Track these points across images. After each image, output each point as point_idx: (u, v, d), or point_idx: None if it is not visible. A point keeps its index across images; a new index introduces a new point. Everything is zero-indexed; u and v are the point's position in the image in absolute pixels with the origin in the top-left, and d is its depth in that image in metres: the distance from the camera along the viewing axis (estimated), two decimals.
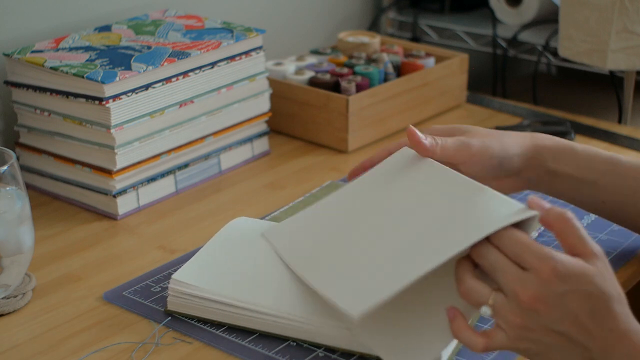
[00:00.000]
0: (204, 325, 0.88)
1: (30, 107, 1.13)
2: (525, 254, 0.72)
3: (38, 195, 1.16)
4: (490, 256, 0.74)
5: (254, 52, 1.21)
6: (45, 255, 1.02)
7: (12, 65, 1.14)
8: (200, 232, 1.06)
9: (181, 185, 1.17)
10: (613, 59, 1.33)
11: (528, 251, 0.72)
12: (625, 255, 1.00)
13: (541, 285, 0.70)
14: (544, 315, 0.71)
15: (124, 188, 1.11)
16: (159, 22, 1.24)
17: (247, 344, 0.85)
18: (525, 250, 0.72)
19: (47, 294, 0.95)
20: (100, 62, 1.09)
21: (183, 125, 1.15)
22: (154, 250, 1.03)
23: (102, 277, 0.98)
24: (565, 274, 0.70)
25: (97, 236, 1.07)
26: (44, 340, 0.87)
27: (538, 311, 0.71)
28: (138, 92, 1.08)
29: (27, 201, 0.84)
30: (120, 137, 1.08)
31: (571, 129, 1.31)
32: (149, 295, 0.93)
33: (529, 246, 0.72)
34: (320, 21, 1.62)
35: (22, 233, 0.83)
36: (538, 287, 0.70)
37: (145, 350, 0.85)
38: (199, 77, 1.15)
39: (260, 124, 1.26)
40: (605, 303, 0.71)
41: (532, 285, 0.71)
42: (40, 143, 1.15)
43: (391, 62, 1.36)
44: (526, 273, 0.71)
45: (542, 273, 0.71)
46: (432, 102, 1.40)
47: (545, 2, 1.53)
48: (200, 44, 1.16)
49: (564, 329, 0.71)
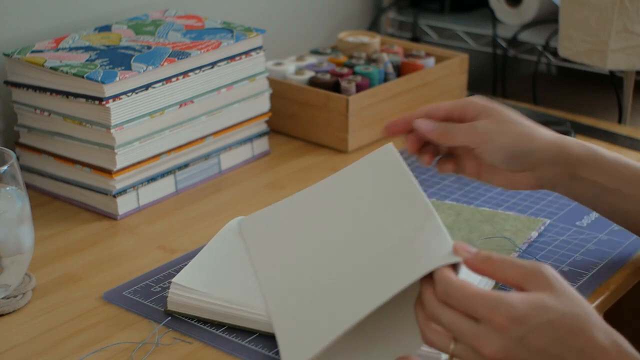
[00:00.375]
0: (204, 325, 0.88)
1: (30, 107, 1.13)
2: (475, 306, 0.69)
3: (38, 195, 1.16)
4: (443, 318, 0.71)
5: (254, 52, 1.21)
6: (45, 255, 1.02)
7: (12, 65, 1.13)
8: (200, 232, 1.06)
9: (181, 185, 1.17)
10: (613, 59, 1.33)
11: (477, 303, 0.69)
12: (625, 255, 1.00)
13: (499, 336, 0.68)
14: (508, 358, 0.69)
15: (124, 188, 1.11)
16: (159, 22, 1.24)
17: (247, 344, 0.85)
18: (474, 303, 0.69)
19: (47, 294, 0.95)
20: (100, 62, 1.09)
21: (183, 125, 1.15)
22: (154, 250, 1.03)
23: (102, 277, 0.98)
24: (519, 316, 0.68)
25: (97, 236, 1.07)
26: (44, 340, 0.87)
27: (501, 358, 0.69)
28: (138, 92, 1.08)
29: (27, 201, 0.84)
30: (120, 137, 1.08)
31: (571, 129, 1.32)
32: (149, 295, 0.93)
33: (477, 297, 0.70)
34: (320, 21, 1.62)
35: (22, 233, 0.83)
36: (496, 339, 0.68)
37: (145, 350, 0.85)
38: (199, 77, 1.15)
39: (260, 124, 1.26)
40: (568, 325, 0.69)
41: (490, 339, 0.69)
42: (40, 143, 1.15)
43: (391, 62, 1.36)
44: (481, 327, 0.69)
45: (496, 323, 0.68)
46: (432, 102, 1.39)
47: (545, 2, 1.53)
48: (200, 44, 1.16)
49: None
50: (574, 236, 1.04)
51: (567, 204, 1.11)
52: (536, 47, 1.54)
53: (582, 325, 0.69)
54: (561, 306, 0.69)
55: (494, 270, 0.72)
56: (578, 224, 1.06)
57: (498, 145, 0.90)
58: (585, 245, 1.02)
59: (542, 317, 0.68)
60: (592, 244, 1.02)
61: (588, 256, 0.99)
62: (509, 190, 1.06)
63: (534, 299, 0.69)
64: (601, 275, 0.96)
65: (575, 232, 1.05)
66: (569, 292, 0.70)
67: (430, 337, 0.73)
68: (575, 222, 1.07)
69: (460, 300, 0.70)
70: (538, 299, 0.69)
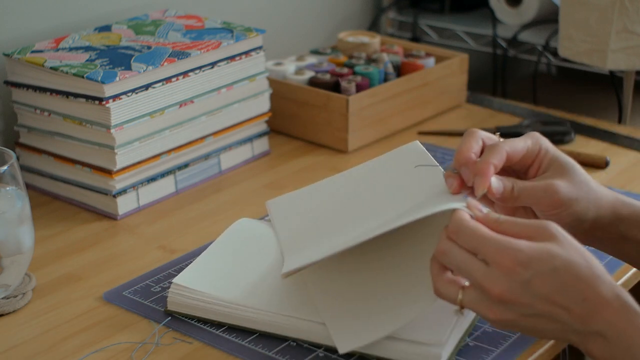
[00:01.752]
0: (204, 325, 0.88)
1: (30, 107, 1.13)
2: (484, 247, 0.72)
3: (38, 195, 1.16)
4: (452, 256, 0.74)
5: (254, 52, 1.21)
6: (45, 255, 1.02)
7: (12, 65, 1.13)
8: (200, 232, 1.06)
9: (181, 185, 1.17)
10: (613, 59, 1.33)
11: (487, 244, 0.72)
12: None
13: (506, 278, 0.71)
14: (516, 305, 0.71)
15: (124, 188, 1.11)
16: (159, 22, 1.24)
17: (247, 344, 0.85)
18: (484, 244, 0.72)
19: (47, 294, 0.95)
20: (100, 62, 1.09)
21: (183, 125, 1.15)
22: (154, 250, 1.03)
23: (102, 277, 0.98)
24: (527, 260, 0.70)
25: (97, 236, 1.07)
26: (44, 340, 0.87)
27: (509, 303, 0.71)
28: (138, 92, 1.08)
29: (27, 201, 0.84)
30: (120, 137, 1.08)
31: (571, 129, 1.32)
32: (149, 295, 0.93)
33: (488, 239, 0.72)
34: (320, 21, 1.62)
35: (22, 233, 0.83)
36: (503, 281, 0.71)
37: (145, 350, 0.85)
38: (199, 77, 1.15)
39: (260, 124, 1.26)
40: (573, 274, 0.71)
41: (497, 280, 0.71)
42: (40, 143, 1.15)
43: (391, 62, 1.36)
44: (490, 268, 0.72)
45: (503, 265, 0.71)
46: (432, 102, 1.40)
47: (545, 2, 1.53)
48: (200, 44, 1.16)
49: (539, 311, 0.71)
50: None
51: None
52: (536, 47, 1.54)
53: (586, 275, 0.71)
54: (567, 255, 0.71)
55: (502, 228, 0.74)
56: None
57: (569, 213, 0.83)
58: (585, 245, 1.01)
59: (547, 263, 0.70)
60: None
61: None
62: None
63: (541, 246, 0.71)
64: None
65: None
66: (575, 244, 0.73)
67: (441, 288, 0.75)
68: None
69: (470, 239, 0.73)
70: (545, 246, 0.71)
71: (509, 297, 0.71)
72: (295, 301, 0.86)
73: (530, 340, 0.84)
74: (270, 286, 0.88)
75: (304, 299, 0.86)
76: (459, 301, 0.74)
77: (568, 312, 0.71)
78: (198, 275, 0.90)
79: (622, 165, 1.23)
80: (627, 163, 1.23)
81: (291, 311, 0.85)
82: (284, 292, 0.87)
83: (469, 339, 0.85)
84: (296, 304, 0.85)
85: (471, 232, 0.73)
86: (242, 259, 0.93)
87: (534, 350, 0.84)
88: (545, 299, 0.71)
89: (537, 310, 0.71)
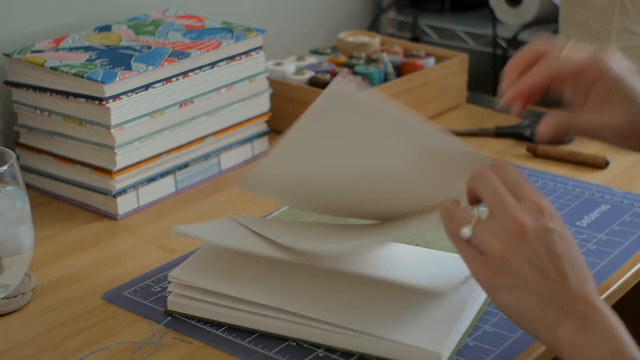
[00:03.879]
0: (204, 325, 0.88)
1: (30, 107, 1.13)
2: (522, 185, 0.73)
3: (38, 195, 1.16)
4: (489, 178, 0.74)
5: (254, 52, 1.21)
6: (45, 255, 1.02)
7: (12, 65, 1.13)
8: None
9: (181, 185, 1.17)
10: None
11: (524, 184, 0.73)
12: (625, 255, 1.00)
13: (533, 216, 0.71)
14: (528, 246, 0.71)
15: (124, 188, 1.11)
16: (159, 22, 1.24)
17: (247, 344, 0.85)
18: (522, 182, 0.73)
19: (47, 294, 0.95)
20: (100, 62, 1.09)
21: (183, 125, 1.15)
22: (154, 250, 1.03)
23: (102, 277, 0.98)
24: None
25: (97, 236, 1.07)
26: (44, 340, 0.87)
27: (523, 241, 0.71)
28: (138, 92, 1.08)
29: (27, 201, 0.84)
30: (120, 137, 1.08)
31: None
32: (149, 295, 0.93)
33: (525, 180, 0.74)
34: (320, 21, 1.62)
35: (22, 233, 0.83)
36: (531, 218, 0.71)
37: (145, 350, 0.85)
38: (199, 77, 1.15)
39: (260, 124, 1.26)
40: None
41: (525, 213, 0.71)
42: (40, 143, 1.15)
43: (391, 62, 1.36)
44: (522, 202, 0.72)
45: (535, 203, 0.72)
46: (432, 102, 1.40)
47: (545, 2, 1.53)
48: (200, 44, 1.16)
49: (541, 264, 0.70)
50: (574, 236, 1.02)
51: (567, 204, 1.11)
52: None
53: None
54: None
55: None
56: (578, 224, 1.06)
57: (629, 145, 0.82)
58: (585, 245, 1.02)
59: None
60: (592, 244, 1.02)
61: (588, 256, 0.99)
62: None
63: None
64: (601, 276, 0.96)
65: (575, 232, 1.05)
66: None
67: (453, 208, 0.75)
68: (575, 222, 1.07)
69: (513, 174, 0.74)
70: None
71: (528, 233, 0.71)
72: (296, 296, 0.86)
73: (530, 341, 0.84)
74: (269, 280, 0.88)
75: (304, 294, 0.86)
76: (472, 224, 0.73)
77: (563, 283, 0.70)
78: (195, 269, 0.90)
79: (622, 165, 1.23)
80: (627, 163, 1.23)
81: (291, 306, 0.84)
82: (283, 286, 0.87)
83: (469, 339, 0.85)
84: (296, 299, 0.85)
85: (514, 171, 0.74)
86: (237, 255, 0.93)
87: (533, 350, 0.84)
88: (554, 257, 0.71)
89: (541, 262, 0.70)
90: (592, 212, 1.09)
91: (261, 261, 0.91)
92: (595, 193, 1.14)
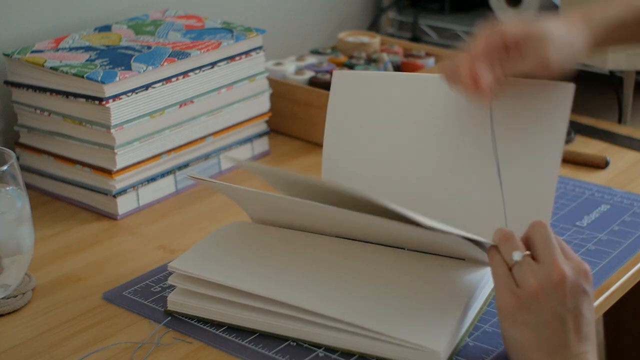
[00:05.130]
0: (204, 325, 0.87)
1: (30, 107, 1.13)
2: (570, 250, 0.79)
3: (38, 195, 1.16)
4: (548, 232, 0.79)
5: (254, 52, 1.21)
6: (45, 255, 1.02)
7: (12, 65, 1.14)
8: (200, 232, 1.06)
9: (181, 185, 1.17)
10: (613, 59, 1.33)
11: (571, 250, 0.79)
12: (625, 255, 1.00)
13: (575, 274, 0.77)
14: (561, 295, 0.76)
15: (124, 188, 1.11)
16: (159, 22, 1.24)
17: (247, 344, 0.85)
18: (569, 248, 0.79)
19: (47, 294, 0.95)
20: (100, 62, 1.09)
21: (183, 125, 1.15)
22: (154, 250, 1.03)
23: (102, 277, 0.98)
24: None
25: (97, 236, 1.07)
26: (44, 340, 0.87)
27: (559, 289, 0.76)
28: (138, 92, 1.08)
29: (27, 201, 0.84)
30: (120, 137, 1.08)
31: (571, 129, 1.31)
32: (149, 295, 0.93)
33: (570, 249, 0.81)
34: (320, 21, 1.62)
35: (22, 233, 0.83)
36: (573, 274, 0.76)
37: (145, 350, 0.85)
38: (199, 77, 1.15)
39: (260, 124, 1.26)
40: (592, 326, 0.77)
41: (569, 270, 0.76)
42: (40, 143, 1.15)
43: (391, 62, 1.36)
44: (569, 261, 0.78)
45: (582, 266, 0.77)
46: None
47: (545, 2, 1.53)
48: (200, 44, 1.16)
49: (566, 317, 0.76)
50: (574, 236, 1.04)
51: (567, 204, 1.11)
52: None
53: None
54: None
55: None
56: (578, 224, 1.06)
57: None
58: (585, 245, 1.02)
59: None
60: (592, 244, 1.02)
61: (588, 256, 0.99)
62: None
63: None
64: (601, 276, 0.96)
65: (575, 232, 1.05)
66: None
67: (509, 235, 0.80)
68: (575, 222, 1.07)
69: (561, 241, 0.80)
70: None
71: (566, 285, 0.76)
72: (295, 290, 0.85)
73: None
74: (270, 273, 0.88)
75: (304, 288, 0.86)
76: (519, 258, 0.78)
77: (578, 339, 0.76)
78: (195, 260, 0.90)
79: (622, 165, 1.23)
80: (627, 163, 1.24)
81: (289, 299, 0.84)
82: (283, 279, 0.87)
83: (469, 339, 0.85)
84: (296, 292, 0.85)
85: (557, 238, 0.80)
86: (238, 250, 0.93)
87: None
88: (578, 315, 0.76)
89: (565, 314, 0.76)
90: (592, 212, 1.09)
91: (262, 255, 0.91)
92: (595, 193, 1.14)
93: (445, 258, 0.90)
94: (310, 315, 0.83)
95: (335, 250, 0.92)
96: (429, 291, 0.85)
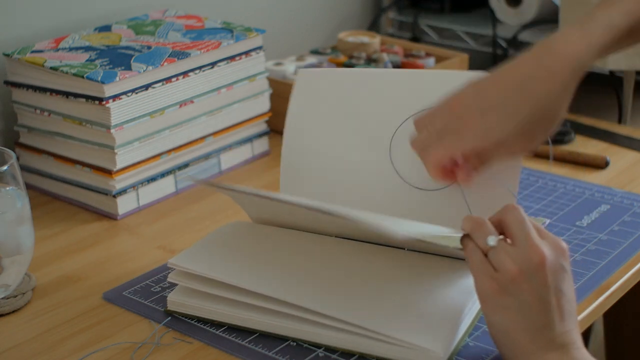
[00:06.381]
0: (204, 325, 0.88)
1: (30, 107, 1.13)
2: (544, 230, 0.78)
3: (38, 195, 1.16)
4: (520, 215, 0.78)
5: (253, 52, 1.21)
6: (45, 255, 1.02)
7: (12, 65, 1.14)
8: (200, 232, 1.06)
9: (181, 185, 1.17)
10: (613, 59, 1.33)
11: (545, 230, 0.78)
12: (625, 255, 1.00)
13: (555, 255, 0.76)
14: (542, 277, 0.75)
15: (124, 188, 1.11)
16: (159, 22, 1.24)
17: (247, 344, 0.85)
18: (543, 229, 0.78)
19: (47, 294, 0.95)
20: (100, 62, 1.09)
21: (183, 125, 1.15)
22: (154, 250, 1.03)
23: (102, 277, 0.98)
24: (568, 255, 0.77)
25: (97, 236, 1.07)
26: (44, 340, 0.87)
27: (540, 270, 0.75)
28: (138, 92, 1.08)
29: (27, 201, 0.84)
30: (120, 137, 1.08)
31: (571, 129, 1.31)
32: (149, 295, 0.93)
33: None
34: (320, 21, 1.62)
35: (22, 233, 0.83)
36: (552, 253, 0.76)
37: (145, 350, 0.85)
38: (199, 77, 1.15)
39: (260, 124, 1.26)
40: (575, 299, 0.78)
41: (547, 250, 0.76)
42: (40, 143, 1.15)
43: (391, 62, 1.36)
44: (544, 240, 0.77)
45: (558, 244, 0.77)
46: None
47: (545, 2, 1.53)
48: (200, 44, 1.16)
49: (549, 297, 0.75)
50: (574, 236, 1.04)
51: (567, 204, 1.11)
52: None
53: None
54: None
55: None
56: (578, 224, 1.06)
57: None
58: (585, 245, 1.02)
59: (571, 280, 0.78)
60: (592, 244, 1.02)
61: (588, 256, 0.99)
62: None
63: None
64: (601, 275, 0.96)
65: (575, 232, 1.05)
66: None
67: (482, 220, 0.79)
68: (575, 222, 1.07)
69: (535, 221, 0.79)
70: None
71: (546, 265, 0.75)
72: (295, 289, 0.85)
73: None
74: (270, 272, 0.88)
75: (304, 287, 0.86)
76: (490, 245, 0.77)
77: (561, 319, 0.76)
78: (195, 257, 0.90)
79: (622, 165, 1.23)
80: (627, 163, 1.24)
81: (289, 297, 0.84)
82: (283, 278, 0.87)
83: (469, 339, 0.85)
84: (295, 291, 0.85)
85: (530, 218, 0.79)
86: (238, 249, 0.93)
87: None
88: (559, 294, 0.76)
89: (548, 295, 0.75)
90: (592, 212, 1.09)
91: (262, 254, 0.91)
92: (595, 193, 1.14)
93: (445, 258, 0.90)
94: (309, 314, 0.83)
95: (335, 250, 0.92)
96: (429, 291, 0.85)
